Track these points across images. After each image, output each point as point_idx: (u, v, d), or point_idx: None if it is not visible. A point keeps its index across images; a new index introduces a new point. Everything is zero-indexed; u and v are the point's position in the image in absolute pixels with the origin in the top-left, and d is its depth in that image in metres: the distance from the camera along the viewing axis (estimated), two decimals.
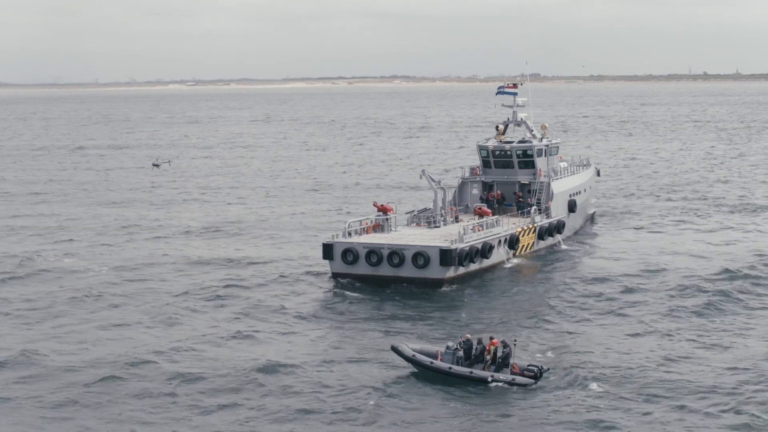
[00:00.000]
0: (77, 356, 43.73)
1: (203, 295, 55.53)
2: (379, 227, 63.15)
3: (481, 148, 75.28)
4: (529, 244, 66.24)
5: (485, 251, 60.00)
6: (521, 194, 72.36)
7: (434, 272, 57.30)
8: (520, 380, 39.02)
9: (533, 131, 76.00)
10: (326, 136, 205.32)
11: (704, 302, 52.12)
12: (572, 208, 73.56)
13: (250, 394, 38.63)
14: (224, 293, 55.86)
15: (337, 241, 59.88)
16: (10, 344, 45.66)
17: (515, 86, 78.31)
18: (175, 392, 38.75)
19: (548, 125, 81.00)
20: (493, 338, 40.83)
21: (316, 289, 57.35)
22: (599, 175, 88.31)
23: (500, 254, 62.46)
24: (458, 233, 59.26)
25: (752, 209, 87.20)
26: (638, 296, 54.30)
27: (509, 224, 64.93)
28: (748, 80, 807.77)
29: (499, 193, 73.09)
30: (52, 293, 56.21)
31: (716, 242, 70.79)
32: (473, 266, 59.39)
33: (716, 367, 41.17)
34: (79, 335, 47.44)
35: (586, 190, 78.93)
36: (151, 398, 38.16)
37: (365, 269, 58.47)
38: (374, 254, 58.16)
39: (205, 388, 39.24)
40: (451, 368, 39.72)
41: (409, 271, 57.71)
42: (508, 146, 73.89)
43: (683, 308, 51.15)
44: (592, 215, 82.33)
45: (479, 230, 61.54)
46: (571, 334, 46.77)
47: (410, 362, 40.63)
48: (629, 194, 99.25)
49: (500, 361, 39.66)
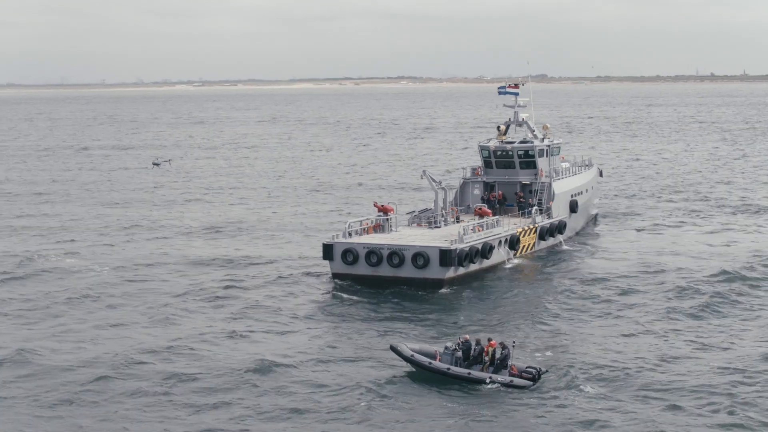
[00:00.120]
0: (74, 355, 43.80)
1: (202, 295, 55.56)
2: (379, 227, 63.12)
3: (482, 148, 75.22)
4: (529, 244, 66.15)
5: (485, 252, 59.91)
6: (522, 194, 72.29)
7: (434, 273, 57.23)
8: (518, 382, 38.87)
9: (535, 131, 75.87)
10: (331, 136, 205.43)
11: (703, 303, 52.04)
12: (574, 208, 73.42)
13: (245, 393, 38.60)
14: (223, 293, 55.89)
15: (337, 241, 59.86)
16: (7, 343, 45.73)
17: (516, 86, 78.25)
18: (170, 391, 38.76)
19: (552, 126, 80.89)
20: (491, 339, 40.75)
21: (315, 289, 57.33)
22: (602, 175, 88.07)
23: (501, 255, 62.36)
24: (458, 233, 59.19)
25: (754, 210, 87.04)
26: (637, 298, 54.18)
27: (510, 224, 64.82)
28: (755, 81, 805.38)
29: (500, 193, 72.99)
30: (51, 293, 56.29)
31: (717, 243, 70.66)
32: (473, 267, 59.29)
33: (712, 367, 41.13)
34: (76, 335, 47.52)
35: (588, 190, 78.74)
36: (146, 397, 38.18)
37: (365, 270, 58.42)
38: (374, 254, 58.11)
39: (200, 387, 39.24)
40: (449, 369, 39.62)
41: (408, 271, 57.65)
42: (509, 146, 73.79)
43: (681, 310, 51.03)
44: (595, 216, 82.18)
45: (479, 230, 61.43)
46: (569, 335, 46.70)
47: (408, 362, 40.54)
48: (631, 195, 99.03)
49: (499, 362, 39.57)
